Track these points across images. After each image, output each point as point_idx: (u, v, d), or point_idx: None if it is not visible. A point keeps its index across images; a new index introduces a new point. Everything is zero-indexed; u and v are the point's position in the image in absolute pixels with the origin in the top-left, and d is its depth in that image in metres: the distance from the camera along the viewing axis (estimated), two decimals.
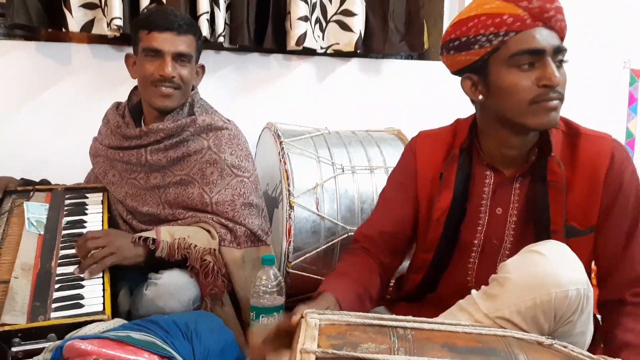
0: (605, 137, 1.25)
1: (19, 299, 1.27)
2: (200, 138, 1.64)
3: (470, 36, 1.18)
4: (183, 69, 1.59)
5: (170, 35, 1.57)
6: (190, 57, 1.61)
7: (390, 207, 1.41)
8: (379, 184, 1.91)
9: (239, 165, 1.64)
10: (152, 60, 1.58)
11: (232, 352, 1.32)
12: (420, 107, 2.50)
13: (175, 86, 1.59)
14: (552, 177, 1.22)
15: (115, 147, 1.67)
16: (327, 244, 1.83)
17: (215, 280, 1.51)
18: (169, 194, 1.64)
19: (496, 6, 1.15)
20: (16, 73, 2.08)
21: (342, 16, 2.36)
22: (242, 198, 1.62)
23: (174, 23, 1.57)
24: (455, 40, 1.21)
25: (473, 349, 0.91)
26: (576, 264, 1.08)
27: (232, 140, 1.66)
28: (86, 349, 1.09)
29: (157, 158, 1.62)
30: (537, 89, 1.14)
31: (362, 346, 0.89)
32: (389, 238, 1.38)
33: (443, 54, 1.26)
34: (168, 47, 1.57)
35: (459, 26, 1.20)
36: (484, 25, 1.15)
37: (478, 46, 1.17)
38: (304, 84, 2.42)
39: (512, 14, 1.13)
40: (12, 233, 1.51)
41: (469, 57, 1.20)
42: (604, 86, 2.84)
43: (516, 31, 1.14)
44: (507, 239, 1.29)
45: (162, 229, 1.50)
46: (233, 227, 1.59)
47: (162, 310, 1.41)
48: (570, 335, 1.07)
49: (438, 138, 1.38)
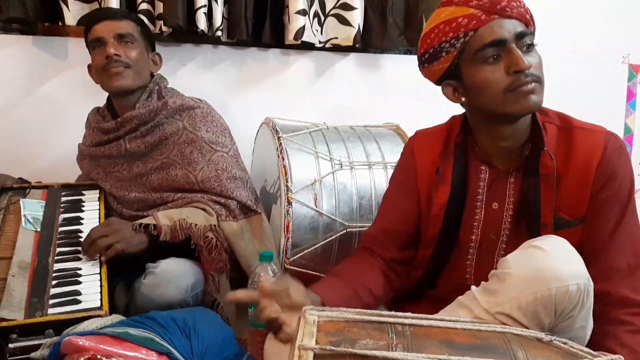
0: (598, 130, 1.25)
1: (16, 295, 1.27)
2: (174, 120, 1.67)
3: (435, 46, 1.22)
4: (127, 49, 1.63)
5: (108, 22, 1.63)
6: (133, 38, 1.65)
7: (392, 205, 1.42)
8: (377, 180, 1.90)
9: (216, 141, 1.68)
10: (98, 51, 1.64)
11: (230, 348, 1.31)
12: (418, 102, 2.49)
13: (123, 65, 1.62)
14: (544, 170, 1.23)
15: (97, 143, 1.72)
16: (326, 240, 1.82)
17: (220, 254, 1.55)
18: (152, 181, 1.67)
19: (450, 12, 1.19)
20: (12, 67, 2.07)
21: (341, 10, 2.35)
22: (226, 172, 1.66)
23: (109, 12, 1.66)
24: (425, 54, 1.26)
25: (471, 346, 0.90)
26: (576, 258, 1.07)
27: (206, 117, 1.69)
28: (84, 345, 1.09)
29: (135, 145, 1.65)
30: (508, 77, 1.16)
31: (360, 342, 0.89)
32: (392, 235, 1.39)
33: (421, 69, 1.32)
34: (107, 32, 1.62)
35: (424, 40, 1.25)
36: (444, 33, 1.20)
37: (445, 53, 1.22)
38: (302, 79, 2.41)
39: (466, 15, 1.17)
40: (9, 230, 1.51)
41: (441, 65, 1.24)
42: (602, 81, 2.82)
43: (474, 29, 1.17)
44: (503, 233, 1.29)
45: (159, 214, 1.53)
46: (225, 202, 1.64)
47: (160, 298, 1.41)
48: (571, 330, 1.07)
49: (434, 135, 1.40)
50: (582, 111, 1.46)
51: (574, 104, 1.56)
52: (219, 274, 1.57)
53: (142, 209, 1.66)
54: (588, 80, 2.71)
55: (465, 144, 1.33)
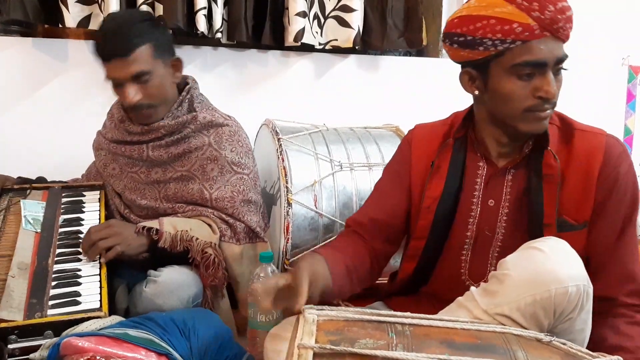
0: (599, 133, 1.25)
1: (15, 296, 1.27)
2: (201, 134, 1.64)
3: (476, 37, 1.16)
4: (147, 88, 1.55)
5: (119, 61, 1.50)
6: (148, 72, 1.53)
7: (383, 195, 1.41)
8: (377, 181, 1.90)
9: (239, 162, 1.65)
10: (117, 89, 1.57)
11: (229, 349, 1.31)
12: (418, 103, 2.50)
13: (146, 106, 1.57)
14: (547, 170, 1.22)
15: (118, 141, 1.68)
16: (325, 241, 1.82)
17: (216, 272, 1.53)
18: (169, 189, 1.65)
19: (508, 12, 1.12)
20: (12, 69, 2.07)
21: (341, 12, 2.35)
22: (242, 195, 1.63)
23: (116, 47, 1.50)
24: (460, 36, 1.19)
25: (471, 346, 0.90)
26: (576, 260, 1.07)
27: (233, 137, 1.66)
28: (83, 346, 1.09)
29: (158, 154, 1.63)
30: (532, 99, 1.15)
31: (360, 342, 0.89)
32: (379, 225, 1.38)
33: (446, 44, 1.25)
34: (121, 75, 1.52)
35: (465, 23, 1.18)
36: (492, 30, 1.13)
37: (483, 48, 1.16)
38: (302, 81, 2.41)
39: (523, 24, 1.11)
40: (9, 231, 1.50)
41: (472, 55, 1.20)
42: (602, 83, 2.83)
43: (523, 41, 1.12)
44: (499, 230, 1.28)
45: (165, 220, 1.52)
46: (233, 223, 1.61)
47: (160, 308, 1.41)
48: (570, 332, 1.07)
49: (434, 129, 1.39)
50: (582, 112, 1.46)
51: (573, 105, 1.56)
52: (214, 293, 1.55)
53: (150, 217, 1.63)
54: (588, 81, 2.71)
55: (465, 139, 1.32)
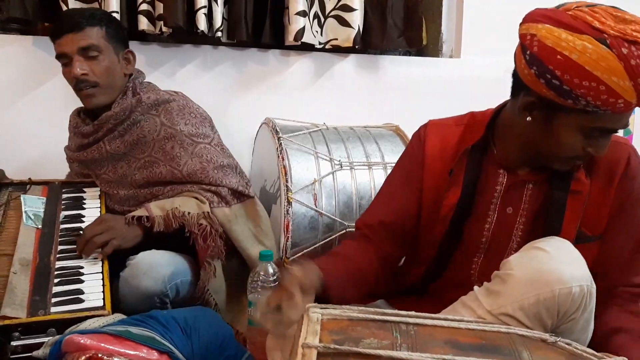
0: (624, 144, 1.22)
1: (18, 293, 1.26)
2: (150, 116, 1.64)
3: (573, 91, 1.03)
4: (94, 64, 1.56)
5: (70, 36, 1.54)
6: (98, 48, 1.56)
7: (394, 196, 1.36)
8: (377, 180, 1.90)
9: (197, 133, 1.65)
10: (66, 67, 1.58)
11: (230, 347, 1.31)
12: (418, 103, 2.49)
13: (92, 84, 1.57)
14: (576, 186, 1.19)
15: (79, 147, 1.69)
16: (325, 240, 1.82)
17: (215, 241, 1.54)
18: (138, 180, 1.65)
19: (622, 87, 1.00)
20: (12, 67, 2.06)
21: (341, 11, 2.35)
22: (212, 163, 1.64)
23: (71, 22, 1.55)
24: (556, 79, 1.04)
25: (476, 346, 0.90)
26: (579, 260, 1.07)
27: (183, 110, 1.66)
28: (85, 343, 1.09)
29: (115, 146, 1.63)
30: (582, 152, 1.12)
31: (365, 341, 0.89)
32: (389, 228, 1.33)
33: (530, 68, 1.07)
34: (70, 47, 1.55)
35: (570, 71, 1.02)
36: (597, 97, 1.02)
37: (572, 102, 1.05)
38: (302, 80, 2.41)
39: (627, 101, 1.03)
40: (10, 226, 1.49)
41: (554, 97, 1.07)
42: None
43: (613, 112, 1.05)
44: (514, 238, 1.26)
45: (151, 205, 1.53)
46: (216, 189, 1.62)
47: (136, 290, 1.41)
48: (573, 332, 1.07)
49: (449, 130, 1.33)
50: None
51: None
52: (215, 261, 1.56)
53: (133, 205, 1.64)
54: None
55: (484, 147, 1.27)
